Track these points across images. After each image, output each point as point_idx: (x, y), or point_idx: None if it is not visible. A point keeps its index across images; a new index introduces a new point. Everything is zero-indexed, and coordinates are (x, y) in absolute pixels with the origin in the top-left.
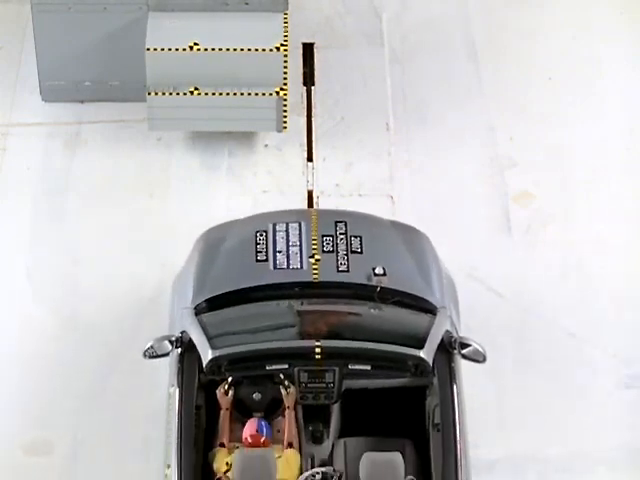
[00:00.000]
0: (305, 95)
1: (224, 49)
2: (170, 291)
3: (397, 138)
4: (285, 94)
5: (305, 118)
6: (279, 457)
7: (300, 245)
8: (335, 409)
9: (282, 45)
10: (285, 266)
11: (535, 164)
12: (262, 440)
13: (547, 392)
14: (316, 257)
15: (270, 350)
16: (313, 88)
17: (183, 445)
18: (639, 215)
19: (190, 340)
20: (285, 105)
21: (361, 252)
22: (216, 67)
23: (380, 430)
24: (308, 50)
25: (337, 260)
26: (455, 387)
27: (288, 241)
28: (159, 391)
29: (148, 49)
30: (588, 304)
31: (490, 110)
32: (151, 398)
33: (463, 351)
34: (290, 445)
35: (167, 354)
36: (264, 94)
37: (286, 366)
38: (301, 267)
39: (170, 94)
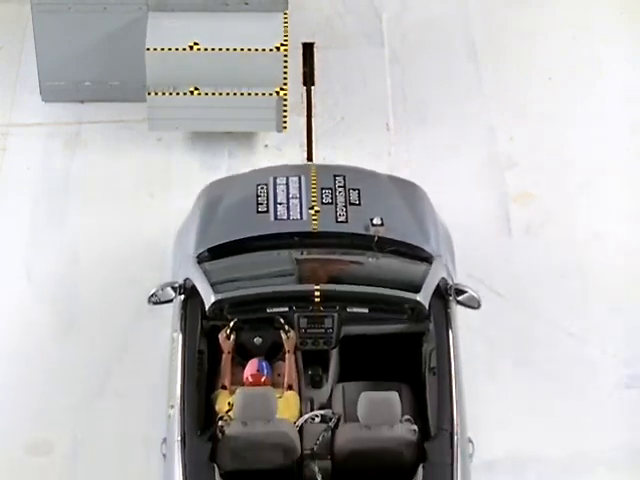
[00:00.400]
0: (305, 95)
1: (224, 49)
2: (173, 241)
3: (397, 138)
4: (285, 94)
5: (305, 118)
6: (279, 397)
7: (300, 197)
8: (334, 354)
9: (282, 45)
10: (285, 217)
11: (535, 164)
12: (263, 379)
13: (547, 392)
14: (315, 208)
15: (270, 294)
16: (313, 88)
17: (186, 386)
18: (639, 215)
19: (193, 287)
20: (285, 105)
21: (359, 204)
22: (216, 67)
23: (377, 375)
24: (308, 50)
25: (336, 211)
26: (451, 332)
27: (288, 193)
28: (159, 391)
29: (148, 49)
30: (588, 304)
31: (490, 110)
32: (151, 398)
33: (459, 298)
34: (290, 387)
35: (170, 301)
36: (264, 94)
37: (286, 309)
38: (301, 218)
39: (170, 94)
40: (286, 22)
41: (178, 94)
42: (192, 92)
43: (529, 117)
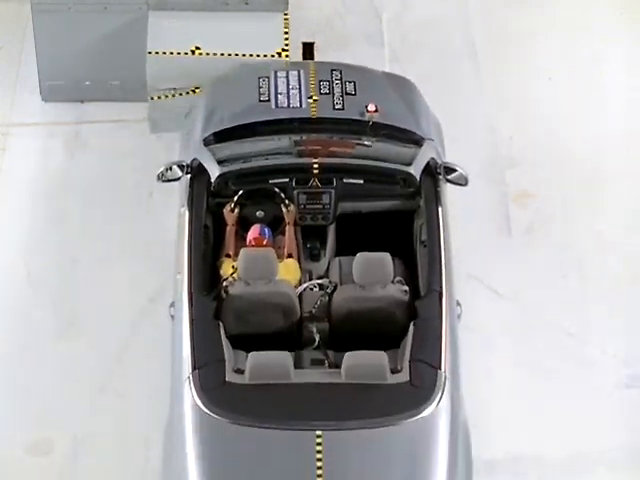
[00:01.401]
0: None
1: (225, 54)
2: (180, 132)
3: None
4: None
5: None
6: (280, 261)
7: (299, 88)
8: (331, 230)
9: (283, 50)
10: (286, 105)
11: (535, 164)
12: (264, 242)
13: (547, 392)
14: (314, 98)
15: (272, 166)
16: None
17: (193, 253)
18: (639, 215)
19: (199, 166)
20: None
21: (355, 94)
22: (218, 70)
23: (372, 250)
24: (308, 50)
25: (333, 100)
26: (440, 208)
27: (288, 84)
28: (159, 391)
29: (150, 52)
30: (588, 304)
31: (490, 110)
32: (151, 398)
33: (448, 176)
34: (290, 256)
35: (178, 179)
36: None
37: (287, 180)
38: (300, 106)
39: (173, 96)
40: (287, 23)
41: (181, 94)
42: (194, 91)
43: (529, 117)
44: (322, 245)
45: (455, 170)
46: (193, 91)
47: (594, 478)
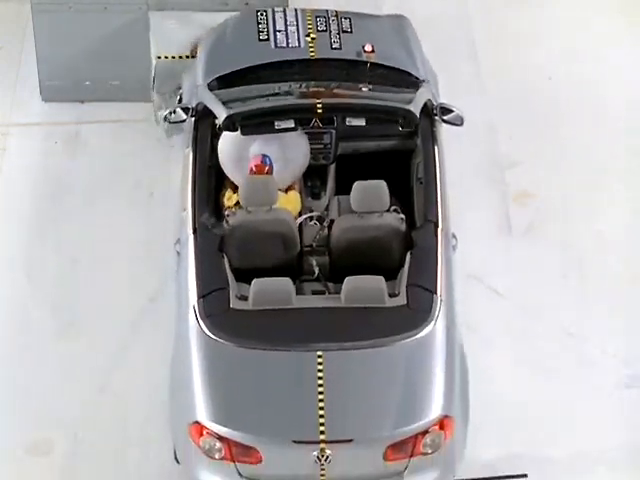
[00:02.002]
0: None
1: None
2: (183, 77)
3: None
4: None
5: None
6: (281, 192)
7: (297, 25)
8: (331, 170)
9: None
10: (285, 44)
11: (535, 164)
12: (266, 169)
13: (547, 392)
14: (312, 35)
15: (278, 107)
16: None
17: (197, 190)
18: (639, 215)
19: (204, 109)
20: None
21: (351, 32)
22: None
23: None
24: None
25: (330, 38)
26: (436, 147)
27: (286, 21)
28: (159, 391)
29: (159, 57)
30: (588, 304)
31: (490, 110)
32: (151, 398)
33: (444, 117)
34: (291, 189)
35: (183, 121)
36: None
37: (292, 124)
38: (299, 45)
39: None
40: None
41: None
42: None
43: (529, 117)
44: (322, 184)
45: (452, 111)
46: None
47: (594, 478)
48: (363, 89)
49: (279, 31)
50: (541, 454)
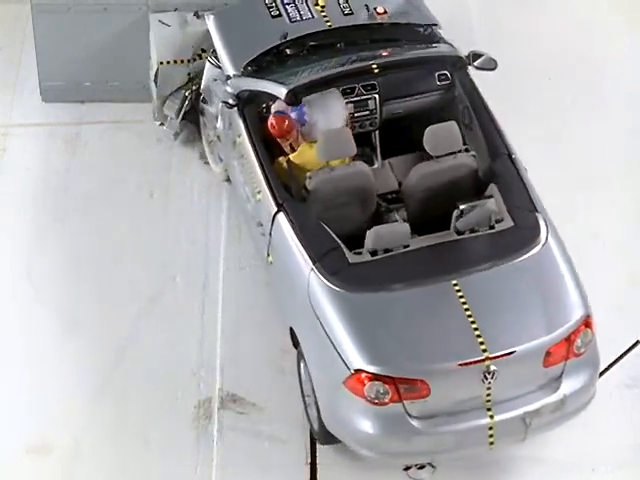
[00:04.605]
0: None
1: None
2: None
3: None
4: None
5: None
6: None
7: None
8: (376, 136)
9: None
10: (298, 18)
11: (535, 164)
12: (285, 122)
13: None
14: (320, 4)
15: (336, 73)
16: None
17: (266, 169)
18: (639, 215)
19: (248, 96)
20: None
21: None
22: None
23: (417, 149)
24: None
25: (339, 5)
26: (477, 89)
27: None
28: (158, 391)
29: (161, 63)
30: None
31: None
32: (151, 398)
33: (475, 63)
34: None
35: (235, 105)
36: None
37: (353, 85)
38: (312, 16)
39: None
40: None
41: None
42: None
43: (529, 117)
44: (372, 149)
45: (482, 55)
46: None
47: (594, 478)
48: (403, 47)
49: (288, 4)
50: (542, 454)
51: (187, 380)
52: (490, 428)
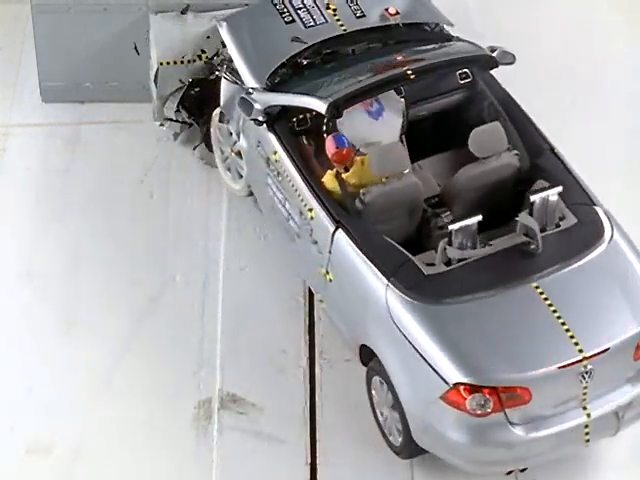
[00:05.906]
0: None
1: None
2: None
3: None
4: None
5: None
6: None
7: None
8: (403, 139)
9: None
10: (312, 23)
11: None
12: (344, 152)
13: None
14: (332, 7)
15: (374, 83)
16: None
17: (314, 186)
18: (639, 215)
19: (278, 112)
20: None
21: None
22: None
23: (444, 148)
24: None
25: (350, 7)
26: (500, 84)
27: None
28: (158, 391)
29: (161, 63)
30: None
31: None
32: (151, 398)
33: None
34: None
35: (264, 122)
36: None
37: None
38: (326, 20)
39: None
40: None
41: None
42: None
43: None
44: None
45: (496, 49)
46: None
47: (594, 478)
48: (429, 50)
49: (300, 9)
50: None
51: (187, 380)
52: (586, 426)
